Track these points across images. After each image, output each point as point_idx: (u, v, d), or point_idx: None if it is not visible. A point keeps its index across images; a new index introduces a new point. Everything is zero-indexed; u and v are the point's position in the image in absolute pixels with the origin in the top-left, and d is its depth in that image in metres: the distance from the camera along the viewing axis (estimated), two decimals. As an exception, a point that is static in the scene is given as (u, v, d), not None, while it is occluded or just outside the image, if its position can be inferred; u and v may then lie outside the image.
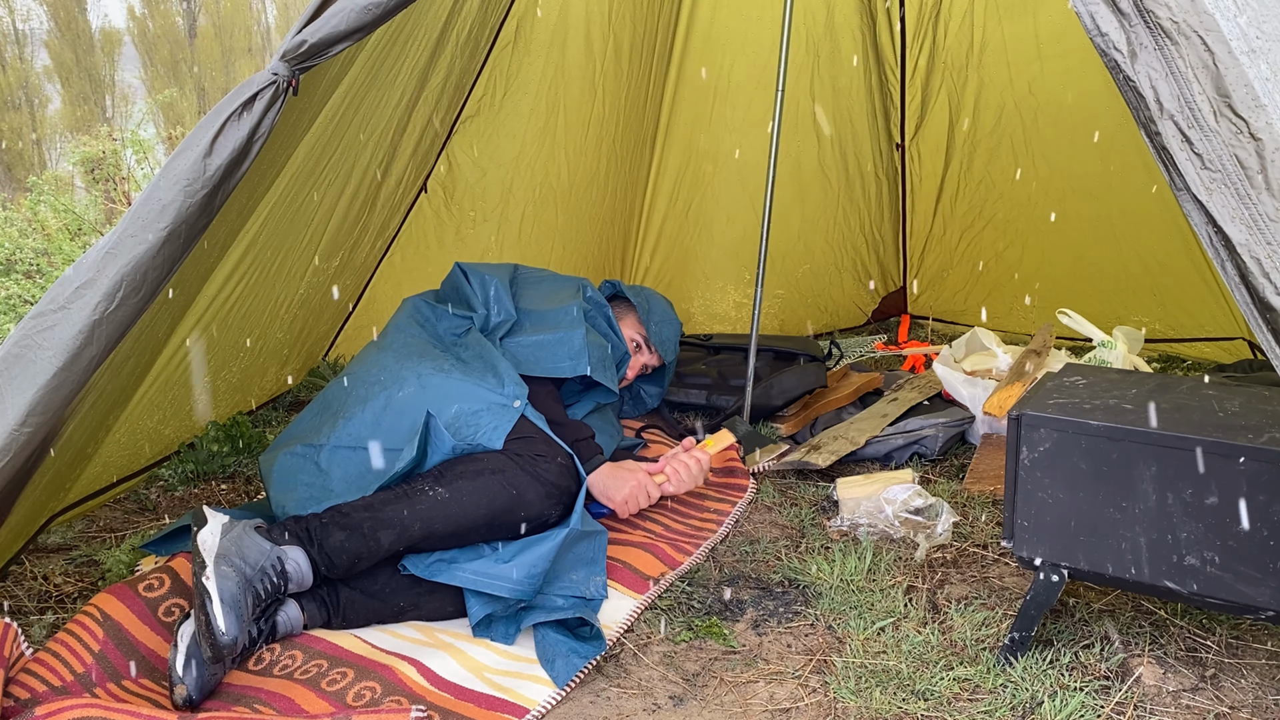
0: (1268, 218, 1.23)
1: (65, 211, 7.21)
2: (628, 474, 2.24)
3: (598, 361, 2.42)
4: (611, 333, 2.64)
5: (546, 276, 2.70)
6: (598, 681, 1.78)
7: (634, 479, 2.23)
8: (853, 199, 3.93)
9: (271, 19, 19.93)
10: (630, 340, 2.72)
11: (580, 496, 2.03)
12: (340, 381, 2.26)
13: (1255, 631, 1.88)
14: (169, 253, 1.59)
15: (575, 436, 2.27)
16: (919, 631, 1.90)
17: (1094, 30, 1.31)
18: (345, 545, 1.84)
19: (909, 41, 3.71)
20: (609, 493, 2.23)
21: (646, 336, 2.75)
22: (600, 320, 2.62)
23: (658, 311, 2.79)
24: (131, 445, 2.47)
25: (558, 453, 2.05)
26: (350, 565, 1.85)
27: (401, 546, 1.88)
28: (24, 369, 1.52)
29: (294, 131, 2.08)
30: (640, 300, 2.79)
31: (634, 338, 2.74)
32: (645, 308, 2.76)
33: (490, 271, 2.53)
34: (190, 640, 1.67)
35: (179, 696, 1.63)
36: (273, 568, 1.77)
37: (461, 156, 3.30)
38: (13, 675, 1.66)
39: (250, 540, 1.78)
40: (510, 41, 3.11)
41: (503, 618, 1.89)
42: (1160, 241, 3.39)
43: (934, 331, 4.15)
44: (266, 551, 1.77)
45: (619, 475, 2.24)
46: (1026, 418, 1.66)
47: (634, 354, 2.74)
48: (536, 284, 2.63)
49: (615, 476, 2.24)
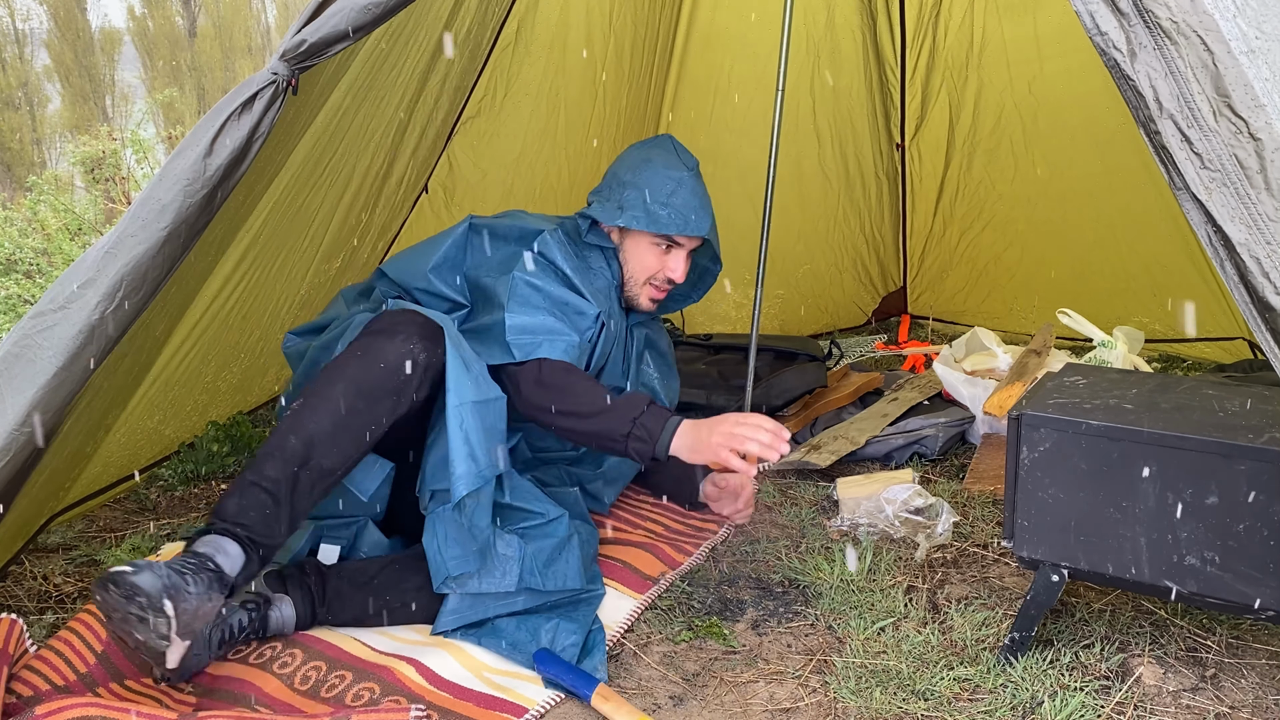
0: (1267, 217, 1.23)
1: (65, 211, 7.21)
2: (712, 420, 1.90)
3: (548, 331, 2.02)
4: (594, 271, 2.22)
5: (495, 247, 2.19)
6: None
7: (720, 421, 1.89)
8: (853, 199, 3.93)
9: (271, 19, 19.95)
10: (643, 269, 2.23)
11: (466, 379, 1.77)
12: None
13: (1255, 631, 1.88)
14: (169, 253, 1.59)
15: (634, 412, 1.91)
16: (919, 631, 1.90)
17: (1094, 30, 1.32)
18: (242, 505, 1.69)
19: (909, 41, 3.71)
20: (699, 448, 1.88)
21: (667, 237, 2.19)
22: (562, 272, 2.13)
23: (658, 188, 2.16)
24: (131, 445, 2.47)
25: (416, 314, 1.84)
26: (266, 524, 1.69)
27: (295, 466, 1.71)
28: (24, 369, 1.52)
29: (294, 131, 2.08)
30: (631, 198, 2.16)
31: (650, 260, 2.22)
32: (640, 196, 2.15)
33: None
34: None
35: (157, 673, 1.64)
36: (255, 610, 1.80)
37: (462, 157, 3.30)
38: (15, 672, 1.66)
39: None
40: (511, 42, 3.11)
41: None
42: (1160, 241, 3.39)
43: (934, 331, 4.15)
44: (254, 593, 1.82)
45: (701, 426, 1.89)
46: (1026, 418, 1.67)
47: (649, 283, 2.25)
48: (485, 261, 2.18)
49: (698, 428, 1.89)
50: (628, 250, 2.24)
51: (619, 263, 2.26)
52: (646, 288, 2.26)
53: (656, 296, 2.28)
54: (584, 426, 1.94)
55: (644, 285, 2.26)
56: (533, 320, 2.01)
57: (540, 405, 1.96)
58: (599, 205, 2.21)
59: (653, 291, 2.27)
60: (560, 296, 2.08)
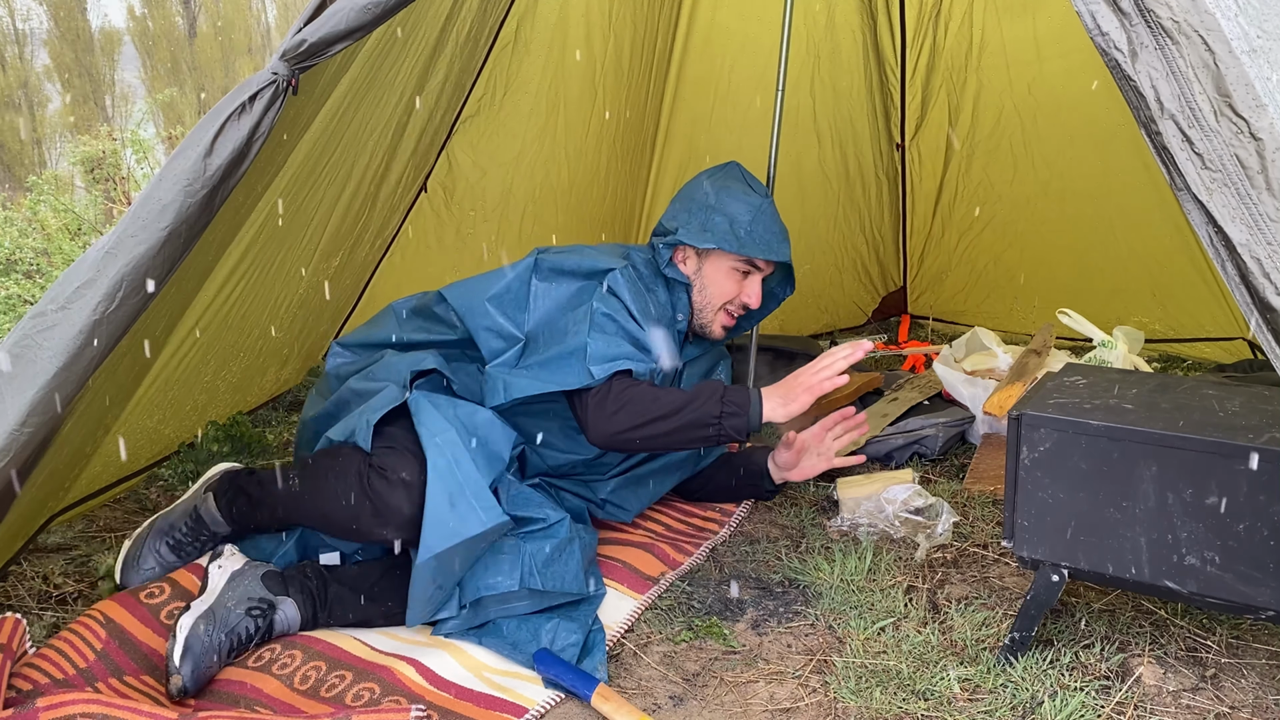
0: (1268, 218, 1.23)
1: (65, 211, 7.21)
2: (788, 379, 2.03)
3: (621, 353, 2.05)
4: (659, 305, 2.21)
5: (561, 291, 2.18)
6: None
7: (798, 376, 2.02)
8: (853, 199, 3.93)
9: (271, 19, 19.95)
10: (721, 294, 2.25)
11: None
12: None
13: (1255, 631, 1.88)
14: (169, 253, 1.58)
15: (718, 393, 2.00)
16: (919, 631, 1.90)
17: (1094, 30, 1.31)
18: (243, 509, 2.01)
19: (909, 41, 3.71)
20: (789, 400, 2.00)
21: (749, 261, 2.21)
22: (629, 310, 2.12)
23: (740, 215, 2.19)
24: (131, 445, 2.47)
25: (404, 468, 1.81)
26: (243, 522, 2.02)
27: (276, 526, 2.00)
28: (24, 369, 1.52)
29: (294, 131, 2.08)
30: (716, 221, 2.18)
31: (728, 285, 2.24)
32: (726, 221, 2.18)
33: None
34: (188, 632, 1.69)
35: (174, 686, 1.65)
36: (261, 616, 1.82)
37: (462, 156, 3.30)
38: (16, 669, 1.66)
39: (251, 589, 1.83)
40: (510, 41, 3.11)
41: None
42: (1160, 241, 3.39)
43: (934, 331, 4.15)
44: (259, 599, 1.83)
45: (779, 385, 2.03)
46: (1026, 418, 1.66)
47: (724, 309, 2.27)
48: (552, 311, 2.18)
49: (778, 386, 2.03)
50: (706, 276, 2.25)
51: (688, 297, 2.26)
52: (721, 314, 2.27)
53: (728, 324, 2.29)
54: (672, 424, 1.97)
55: (719, 311, 2.26)
56: (612, 348, 2.03)
57: (621, 422, 1.98)
58: (684, 230, 2.21)
59: (725, 319, 2.28)
60: (633, 332, 2.11)
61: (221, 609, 1.77)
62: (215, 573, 1.85)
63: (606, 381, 2.00)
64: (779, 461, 2.36)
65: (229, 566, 1.87)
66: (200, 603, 1.77)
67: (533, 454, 2.20)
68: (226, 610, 1.77)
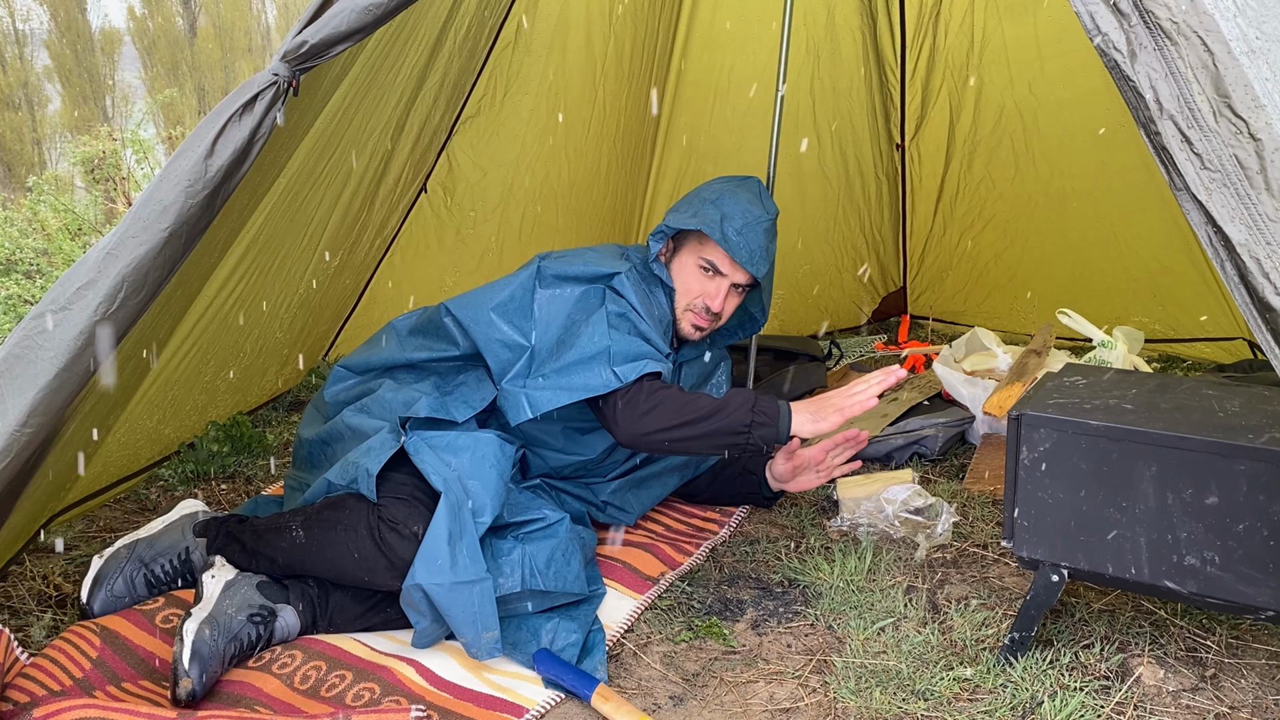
0: (1267, 218, 1.23)
1: (65, 211, 7.21)
2: (820, 398, 2.01)
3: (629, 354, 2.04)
4: (656, 304, 2.20)
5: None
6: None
7: (830, 397, 2.00)
8: (853, 199, 3.93)
9: (271, 19, 19.93)
10: (686, 292, 2.22)
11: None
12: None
13: (1255, 631, 1.88)
14: (170, 253, 1.59)
15: (750, 402, 1.98)
16: (919, 631, 1.90)
17: (1094, 30, 1.32)
18: (235, 557, 1.94)
19: (909, 41, 3.71)
20: (819, 418, 1.98)
21: (729, 259, 2.17)
22: (628, 313, 2.13)
23: (735, 217, 2.15)
24: (131, 445, 2.47)
25: (415, 522, 1.82)
26: (236, 567, 1.93)
27: (274, 574, 1.91)
28: (24, 369, 1.52)
29: (294, 131, 2.08)
30: (709, 211, 2.16)
31: (693, 283, 2.21)
32: (719, 215, 2.15)
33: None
34: (194, 636, 1.68)
35: (184, 690, 1.64)
36: (263, 624, 1.82)
37: (462, 156, 3.30)
38: (9, 681, 1.65)
39: (250, 596, 1.83)
40: (510, 42, 3.11)
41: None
42: (1160, 241, 3.40)
43: (934, 331, 4.15)
44: (259, 606, 1.83)
45: (814, 402, 2.00)
46: (1026, 418, 1.67)
47: (689, 309, 2.23)
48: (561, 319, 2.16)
49: (812, 403, 2.00)
50: (675, 271, 2.23)
51: (670, 298, 2.25)
52: (688, 313, 2.24)
53: (699, 324, 2.24)
54: (703, 429, 1.96)
55: (685, 311, 2.24)
56: (633, 347, 2.03)
57: (653, 423, 1.97)
58: (673, 215, 2.20)
59: (693, 318, 2.24)
60: (645, 332, 2.10)
61: (223, 615, 1.77)
62: (209, 582, 1.85)
63: (636, 382, 1.99)
64: (775, 471, 2.37)
65: (222, 576, 1.87)
66: (200, 610, 1.77)
67: (534, 455, 2.20)
68: (228, 617, 1.77)
